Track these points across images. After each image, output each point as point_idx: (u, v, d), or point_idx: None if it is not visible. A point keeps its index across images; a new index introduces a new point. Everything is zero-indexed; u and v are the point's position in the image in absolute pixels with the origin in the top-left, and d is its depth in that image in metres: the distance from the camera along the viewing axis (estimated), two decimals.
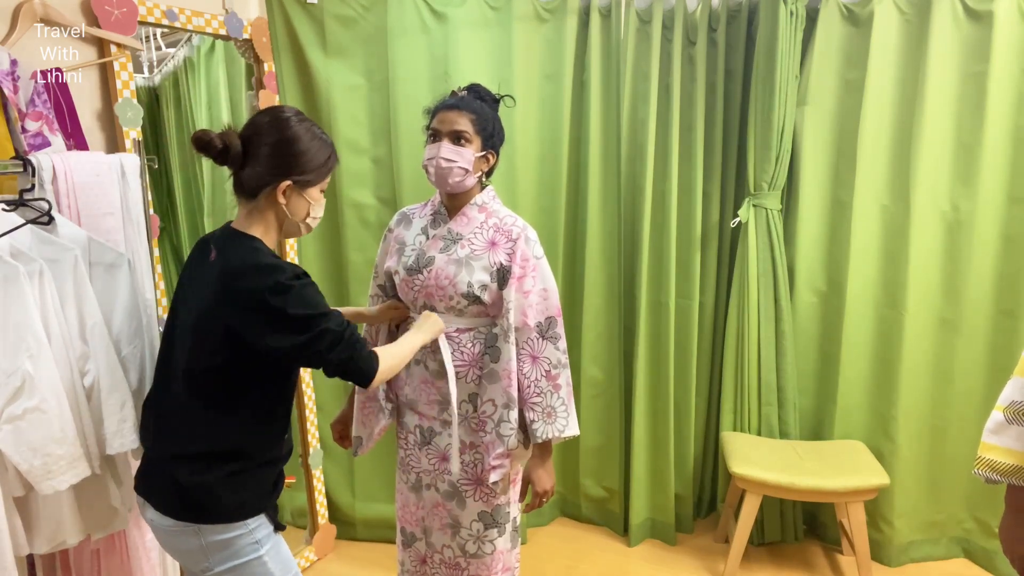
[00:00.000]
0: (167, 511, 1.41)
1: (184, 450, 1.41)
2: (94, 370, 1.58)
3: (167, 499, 1.41)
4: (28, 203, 1.61)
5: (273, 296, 1.33)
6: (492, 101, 1.80)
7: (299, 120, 1.43)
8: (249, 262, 1.37)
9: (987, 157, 2.46)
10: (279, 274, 1.35)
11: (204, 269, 1.44)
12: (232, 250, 1.40)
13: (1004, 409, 1.16)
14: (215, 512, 1.40)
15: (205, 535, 1.40)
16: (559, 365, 1.73)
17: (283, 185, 1.41)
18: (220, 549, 1.41)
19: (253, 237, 1.43)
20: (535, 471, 1.76)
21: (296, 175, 1.42)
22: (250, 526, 1.43)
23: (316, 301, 1.39)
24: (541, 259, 1.75)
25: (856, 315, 2.66)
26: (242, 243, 1.41)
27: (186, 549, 1.42)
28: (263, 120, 1.42)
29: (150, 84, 2.91)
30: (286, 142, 1.40)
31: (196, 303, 1.42)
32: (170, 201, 3.07)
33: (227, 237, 1.44)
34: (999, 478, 1.16)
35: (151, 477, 1.46)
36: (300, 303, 1.35)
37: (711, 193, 2.76)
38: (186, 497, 1.39)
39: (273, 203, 1.43)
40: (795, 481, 2.41)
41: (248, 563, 1.43)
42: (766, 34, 2.52)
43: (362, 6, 2.50)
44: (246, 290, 1.34)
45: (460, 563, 1.85)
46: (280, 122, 1.41)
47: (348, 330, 1.42)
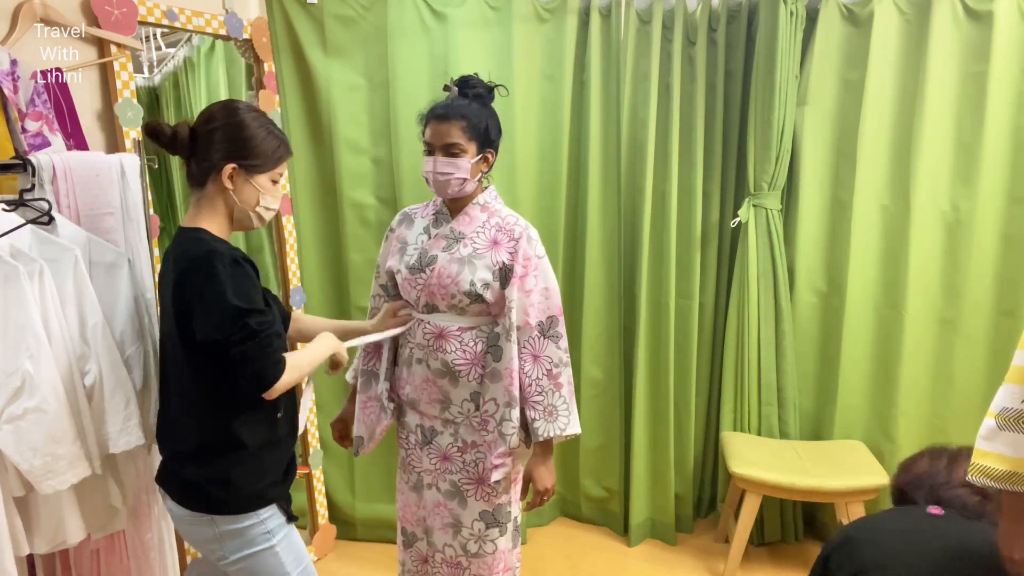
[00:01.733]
0: (181, 502, 1.47)
1: (181, 447, 1.48)
2: (95, 370, 1.58)
3: (181, 491, 1.47)
4: (28, 203, 1.61)
5: (207, 280, 1.36)
6: (486, 93, 1.79)
7: (248, 110, 1.47)
8: (191, 252, 1.40)
9: (987, 157, 2.46)
10: (216, 259, 1.37)
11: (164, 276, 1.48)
12: (178, 247, 1.44)
13: (996, 416, 1.17)
14: (225, 504, 1.43)
15: (218, 524, 1.45)
16: (560, 364, 1.73)
17: (228, 168, 1.43)
18: (233, 538, 1.45)
19: (198, 229, 1.45)
20: (536, 470, 1.76)
21: (242, 159, 1.44)
22: (262, 516, 1.46)
23: (247, 293, 1.38)
24: (543, 258, 1.75)
25: (856, 315, 2.66)
26: (186, 236, 1.45)
27: (202, 538, 1.48)
28: (213, 109, 1.47)
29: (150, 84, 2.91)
30: (232, 127, 1.44)
31: (165, 308, 1.48)
32: (170, 201, 3.07)
33: (176, 238, 1.47)
34: (993, 484, 1.17)
35: (165, 471, 1.53)
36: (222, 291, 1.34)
37: (711, 193, 2.76)
38: (195, 491, 1.44)
39: (221, 189, 1.45)
40: (795, 481, 2.41)
41: (260, 552, 1.47)
42: (766, 34, 2.52)
43: (362, 6, 2.50)
44: (187, 277, 1.38)
45: (462, 563, 1.85)
46: (228, 110, 1.46)
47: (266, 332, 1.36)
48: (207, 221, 1.47)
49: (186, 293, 1.38)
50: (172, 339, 1.45)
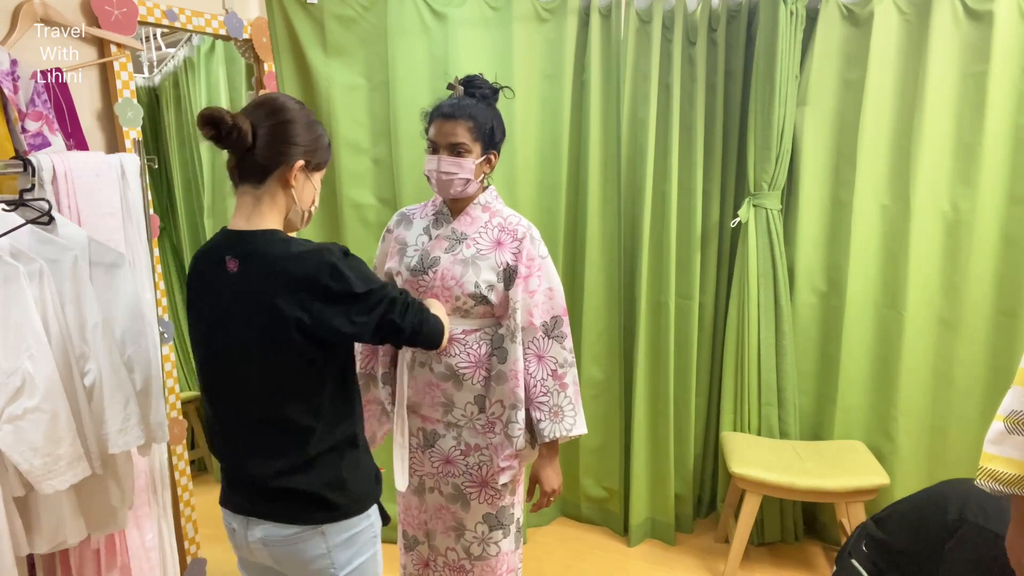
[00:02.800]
0: (291, 519, 1.35)
1: (294, 462, 1.34)
2: (94, 370, 1.58)
3: (287, 509, 1.35)
4: (28, 203, 1.61)
5: (332, 279, 1.28)
6: (491, 94, 1.78)
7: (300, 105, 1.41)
8: (292, 252, 1.29)
9: (987, 157, 2.46)
10: (327, 255, 1.29)
11: (231, 284, 1.33)
12: (261, 252, 1.31)
13: (1005, 419, 1.16)
14: (342, 508, 1.36)
15: (331, 535, 1.36)
16: (565, 364, 1.73)
17: (298, 164, 1.35)
18: (346, 548, 1.38)
19: (272, 231, 1.34)
20: (543, 470, 1.76)
21: (309, 156, 1.37)
22: (371, 517, 1.42)
23: (370, 273, 1.36)
24: (546, 258, 1.75)
25: (856, 315, 2.66)
26: (265, 239, 1.32)
27: (310, 557, 1.36)
28: (270, 101, 1.36)
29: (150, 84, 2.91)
30: (296, 121, 1.36)
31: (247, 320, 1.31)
32: (170, 201, 3.08)
33: (244, 243, 1.33)
34: (1001, 488, 1.16)
35: (258, 495, 1.36)
36: (360, 279, 1.31)
37: (711, 193, 2.76)
38: (312, 499, 1.35)
39: (283, 187, 1.36)
40: (795, 481, 2.41)
41: (367, 561, 1.41)
42: (766, 34, 2.52)
43: (362, 6, 2.50)
44: (305, 282, 1.28)
45: (464, 566, 1.84)
46: (291, 103, 1.37)
47: (406, 294, 1.39)
48: (272, 220, 1.36)
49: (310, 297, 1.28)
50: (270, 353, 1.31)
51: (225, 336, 1.34)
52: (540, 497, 1.78)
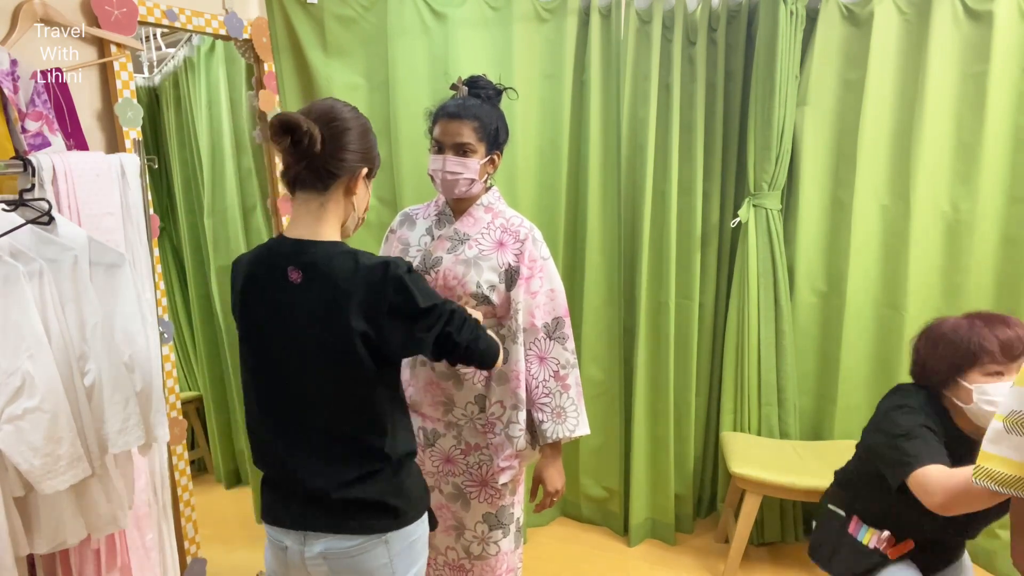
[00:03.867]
0: (353, 530, 1.33)
1: (358, 473, 1.32)
2: (94, 370, 1.58)
3: (352, 519, 1.33)
4: (28, 203, 1.61)
5: (397, 295, 1.28)
6: (495, 95, 1.78)
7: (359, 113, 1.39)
8: (359, 266, 1.28)
9: (987, 157, 2.46)
10: (394, 269, 1.28)
11: (293, 294, 1.31)
12: (326, 264, 1.29)
13: (1004, 419, 1.16)
14: (405, 515, 1.35)
15: (393, 544, 1.35)
16: (568, 365, 1.73)
17: (363, 171, 1.35)
18: (406, 556, 1.37)
19: (334, 242, 1.33)
20: (546, 471, 1.76)
21: (370, 163, 1.37)
22: (424, 523, 1.41)
23: (431, 288, 1.36)
24: (548, 260, 1.75)
25: (856, 315, 2.66)
26: (331, 252, 1.30)
27: (374, 565, 1.34)
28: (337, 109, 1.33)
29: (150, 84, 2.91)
30: (363, 129, 1.35)
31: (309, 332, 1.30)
32: (170, 201, 3.08)
33: (308, 253, 1.31)
34: (998, 488, 1.16)
35: (319, 508, 1.33)
36: (423, 294, 1.31)
37: (711, 193, 2.76)
38: (375, 509, 1.33)
39: (345, 194, 1.35)
40: (795, 481, 2.41)
41: (420, 569, 1.40)
42: (766, 34, 2.52)
43: (362, 6, 2.50)
44: (371, 297, 1.27)
45: (464, 565, 1.85)
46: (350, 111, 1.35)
47: (463, 310, 1.39)
48: (333, 230, 1.34)
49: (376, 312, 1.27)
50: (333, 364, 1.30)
51: (285, 347, 1.32)
52: (543, 497, 1.78)
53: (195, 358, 3.15)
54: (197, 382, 3.15)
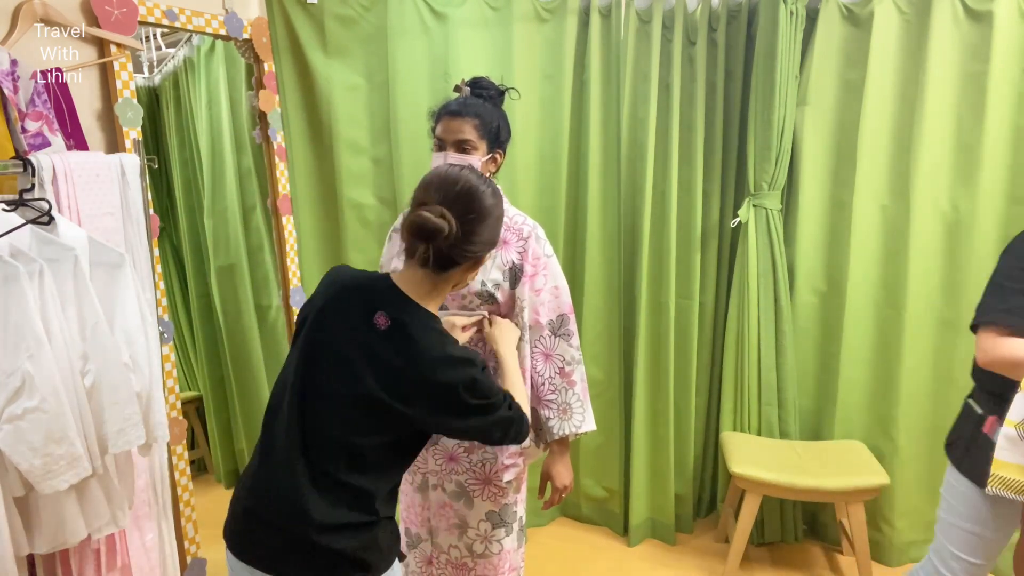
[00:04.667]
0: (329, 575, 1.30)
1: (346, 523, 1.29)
2: (94, 370, 1.58)
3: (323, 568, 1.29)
4: (28, 203, 1.61)
5: (466, 392, 1.27)
6: (497, 95, 1.80)
7: (495, 192, 1.34)
8: (443, 353, 1.26)
9: (987, 157, 2.46)
10: (472, 368, 1.28)
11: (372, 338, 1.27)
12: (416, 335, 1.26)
13: (1016, 425, 1.15)
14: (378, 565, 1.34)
15: None
16: (573, 362, 1.74)
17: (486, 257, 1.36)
18: None
19: (433, 316, 1.31)
20: (554, 467, 1.77)
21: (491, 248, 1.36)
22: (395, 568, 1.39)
23: (494, 387, 1.34)
24: (551, 257, 1.76)
25: (856, 315, 2.66)
26: (425, 324, 1.28)
27: None
28: (481, 191, 1.29)
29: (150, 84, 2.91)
30: (499, 217, 1.35)
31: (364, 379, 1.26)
32: (170, 201, 3.07)
33: (405, 311, 1.28)
34: (1011, 495, 1.16)
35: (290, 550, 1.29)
36: (486, 394, 1.31)
37: (711, 193, 2.76)
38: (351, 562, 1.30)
39: (461, 274, 1.35)
40: (795, 481, 2.41)
41: None
42: (766, 34, 2.52)
43: (362, 6, 2.50)
44: (441, 385, 1.26)
45: (467, 563, 1.85)
46: (489, 196, 1.31)
47: (515, 407, 1.38)
48: (436, 304, 1.33)
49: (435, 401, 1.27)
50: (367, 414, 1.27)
51: (336, 381, 1.28)
52: (552, 493, 1.79)
53: (195, 358, 3.14)
54: (197, 382, 3.15)
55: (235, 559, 1.35)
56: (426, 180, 1.33)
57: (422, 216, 1.22)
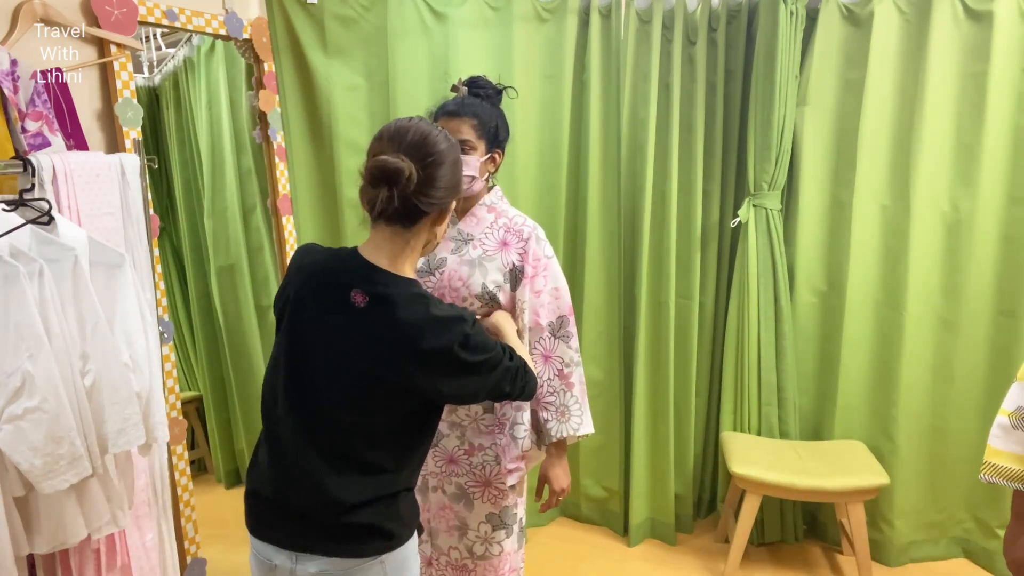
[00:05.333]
0: (350, 554, 1.30)
1: (365, 500, 1.29)
2: (94, 370, 1.58)
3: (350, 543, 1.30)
4: (28, 203, 1.61)
5: (462, 349, 1.26)
6: (495, 94, 1.79)
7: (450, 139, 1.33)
8: (429, 316, 1.25)
9: (987, 157, 2.46)
10: (462, 325, 1.26)
11: (353, 317, 1.26)
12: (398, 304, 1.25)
13: (1010, 414, 1.16)
14: (400, 536, 1.34)
15: (389, 563, 1.33)
16: (572, 364, 1.74)
17: (452, 204, 1.33)
18: (400, 570, 1.36)
19: (412, 281, 1.30)
20: (551, 470, 1.77)
21: (457, 194, 1.34)
22: (415, 537, 1.40)
23: (489, 340, 1.34)
24: (552, 258, 1.75)
25: (856, 315, 2.66)
26: (403, 292, 1.27)
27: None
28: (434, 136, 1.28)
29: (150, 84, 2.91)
30: (457, 160, 1.32)
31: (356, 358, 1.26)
32: (170, 201, 3.07)
33: (381, 283, 1.27)
34: (1005, 483, 1.17)
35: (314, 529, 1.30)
36: (483, 349, 1.30)
37: (711, 193, 2.76)
38: (375, 533, 1.30)
39: (431, 225, 1.32)
40: (795, 481, 2.41)
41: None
42: (766, 34, 2.52)
43: (362, 6, 2.50)
44: (434, 349, 1.24)
45: (467, 565, 1.85)
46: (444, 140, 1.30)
47: (516, 358, 1.39)
48: (410, 266, 1.32)
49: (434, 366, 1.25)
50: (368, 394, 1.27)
51: (328, 363, 1.28)
52: (549, 496, 1.78)
53: (195, 358, 3.14)
54: (197, 382, 3.15)
55: (259, 541, 1.34)
56: (378, 134, 1.31)
57: (380, 159, 1.21)
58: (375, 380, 1.25)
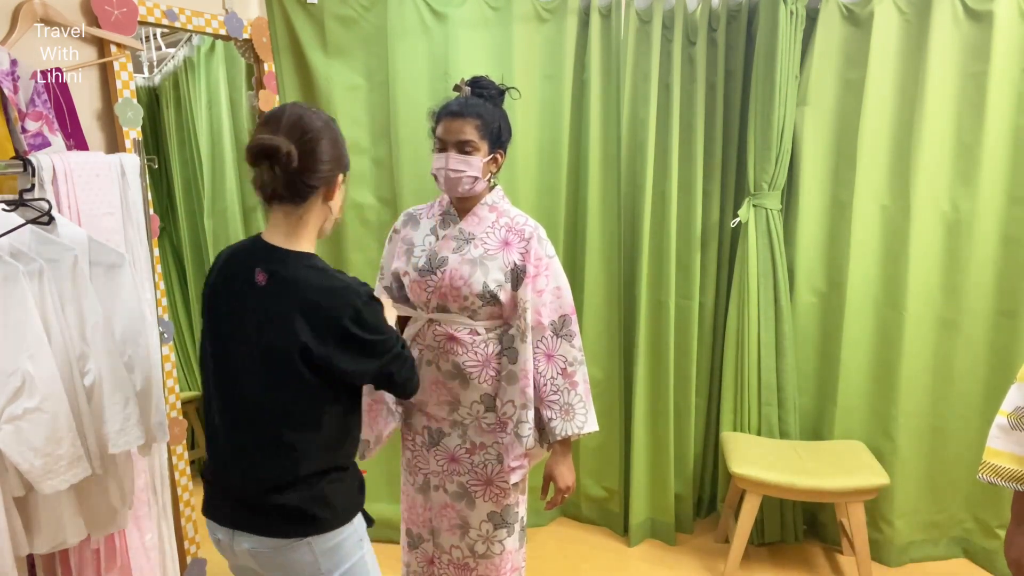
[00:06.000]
0: (275, 534, 1.36)
1: (283, 478, 1.35)
2: (94, 370, 1.58)
3: (274, 523, 1.36)
4: (28, 203, 1.61)
5: (354, 324, 1.32)
6: (497, 94, 1.80)
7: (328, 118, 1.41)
8: (323, 285, 1.32)
9: (987, 157, 2.46)
10: (355, 298, 1.32)
11: (255, 296, 1.34)
12: (293, 275, 1.33)
13: (1009, 415, 1.16)
14: (328, 521, 1.38)
15: (317, 545, 1.38)
16: (575, 362, 1.74)
17: (340, 178, 1.40)
18: (332, 555, 1.40)
19: (309, 255, 1.37)
20: (556, 468, 1.77)
21: (344, 167, 1.41)
22: (354, 524, 1.44)
23: (384, 322, 1.41)
24: (553, 258, 1.76)
25: (856, 315, 2.66)
26: (299, 264, 1.34)
27: (296, 564, 1.38)
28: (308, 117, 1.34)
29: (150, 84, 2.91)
30: (335, 136, 1.38)
31: (260, 334, 1.33)
32: (170, 201, 3.08)
33: (278, 260, 1.35)
34: (1003, 483, 1.17)
35: (244, 509, 1.38)
36: (375, 328, 1.36)
37: (711, 193, 2.76)
38: (296, 515, 1.36)
39: (324, 200, 1.39)
40: (795, 481, 2.41)
41: (355, 565, 1.43)
42: (766, 34, 2.52)
43: (362, 6, 2.50)
44: (326, 317, 1.31)
45: (469, 563, 1.85)
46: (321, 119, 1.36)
47: (407, 348, 1.46)
48: (308, 241, 1.39)
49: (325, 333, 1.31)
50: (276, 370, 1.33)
51: (241, 345, 1.35)
52: (555, 494, 1.79)
53: (195, 358, 3.15)
54: (197, 382, 3.15)
55: (208, 519, 1.45)
56: (257, 124, 1.39)
57: (257, 138, 1.28)
58: (279, 354, 1.32)
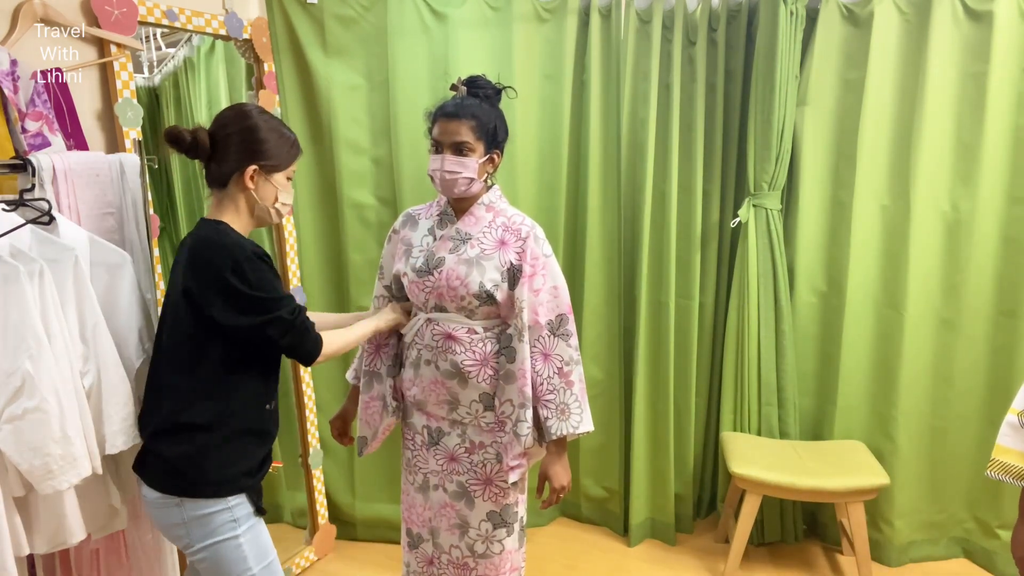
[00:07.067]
0: (154, 484, 1.50)
1: (165, 423, 1.49)
2: (94, 370, 1.58)
3: (154, 472, 1.50)
4: (28, 203, 1.61)
5: (231, 275, 1.43)
6: (494, 94, 1.79)
7: (259, 112, 1.57)
8: (212, 239, 1.48)
9: (987, 157, 2.46)
10: (238, 252, 1.45)
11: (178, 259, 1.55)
12: (199, 232, 1.52)
13: (1020, 413, 1.17)
14: (198, 485, 1.46)
15: (187, 509, 1.47)
16: (571, 362, 1.74)
17: (250, 170, 1.52)
18: (200, 525, 1.48)
19: (220, 221, 1.53)
20: (552, 467, 1.77)
21: (261, 160, 1.53)
22: (230, 503, 1.49)
23: (272, 284, 1.49)
24: (550, 257, 1.75)
25: (856, 315, 2.66)
26: (208, 226, 1.52)
27: (170, 523, 1.50)
28: (227, 114, 1.56)
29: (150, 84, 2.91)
30: (249, 130, 1.53)
31: (170, 291, 1.55)
32: (170, 201, 3.07)
33: (197, 228, 1.54)
34: (1011, 480, 1.18)
35: (143, 454, 1.55)
36: (256, 285, 1.46)
37: (711, 193, 2.76)
38: (170, 469, 1.48)
39: (242, 189, 1.54)
40: (795, 481, 2.41)
41: (224, 542, 1.48)
42: (766, 34, 2.52)
43: (362, 6, 2.50)
44: (206, 263, 1.45)
45: (468, 563, 1.85)
46: (243, 114, 1.55)
47: (299, 317, 1.53)
48: (229, 217, 1.55)
49: (203, 277, 1.45)
50: (176, 314, 1.50)
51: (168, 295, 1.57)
52: (550, 494, 1.79)
53: None
54: None
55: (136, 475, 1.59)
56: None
57: (169, 127, 1.50)
58: (173, 299, 1.51)
